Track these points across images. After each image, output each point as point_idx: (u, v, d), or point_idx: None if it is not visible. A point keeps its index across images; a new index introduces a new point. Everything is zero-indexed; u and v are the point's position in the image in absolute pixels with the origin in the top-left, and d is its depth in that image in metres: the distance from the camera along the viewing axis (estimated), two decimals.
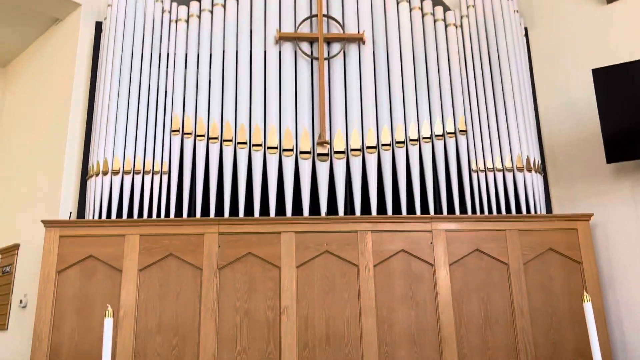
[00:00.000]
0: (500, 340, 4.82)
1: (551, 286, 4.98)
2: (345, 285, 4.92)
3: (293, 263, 4.92)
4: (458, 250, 5.03)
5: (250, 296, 4.84)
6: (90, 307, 4.69)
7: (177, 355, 4.64)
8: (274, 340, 4.74)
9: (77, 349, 4.58)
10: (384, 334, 4.80)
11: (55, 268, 4.73)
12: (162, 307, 4.75)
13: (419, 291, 4.93)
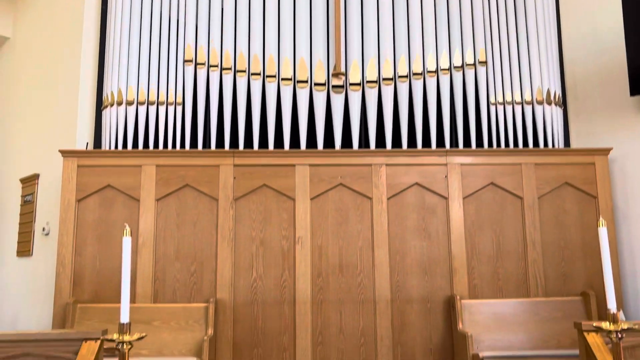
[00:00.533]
0: (510, 272, 4.90)
1: (564, 220, 4.99)
2: (359, 217, 4.98)
3: (307, 195, 4.97)
4: (473, 184, 5.02)
5: (266, 226, 4.93)
6: (110, 234, 4.83)
7: (195, 281, 4.80)
8: (288, 269, 4.87)
9: (99, 274, 4.77)
10: (395, 264, 4.90)
11: (75, 197, 4.84)
12: (180, 235, 4.87)
13: (431, 223, 4.98)
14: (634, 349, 3.19)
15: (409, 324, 4.80)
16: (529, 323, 4.64)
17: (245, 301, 4.79)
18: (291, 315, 4.78)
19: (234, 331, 4.72)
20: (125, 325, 1.48)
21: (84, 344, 3.06)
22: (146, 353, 4.41)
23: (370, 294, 4.84)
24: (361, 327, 4.78)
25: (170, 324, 4.58)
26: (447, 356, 4.73)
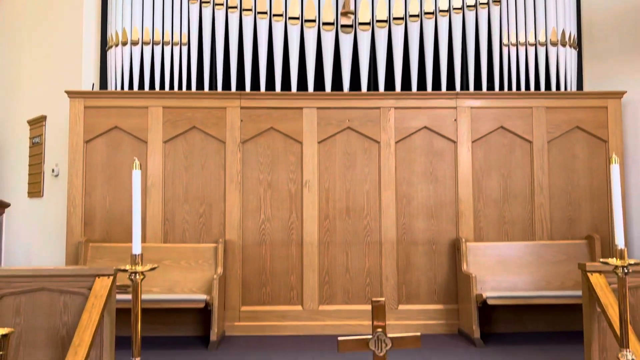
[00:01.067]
0: (517, 215, 4.92)
1: (573, 164, 4.97)
2: (366, 161, 4.97)
3: (315, 138, 4.95)
4: (482, 128, 4.97)
5: (273, 169, 4.94)
6: (118, 176, 4.86)
7: (204, 222, 4.87)
8: (296, 211, 4.91)
9: (109, 215, 4.83)
10: (402, 207, 4.93)
11: (83, 138, 4.84)
12: (188, 177, 4.90)
13: (439, 167, 4.97)
14: (636, 289, 3.24)
15: (414, 265, 4.88)
16: (532, 265, 4.70)
17: (254, 242, 4.86)
18: (299, 256, 4.87)
19: (243, 271, 4.83)
20: (137, 256, 1.50)
21: (97, 279, 3.14)
22: (157, 290, 4.53)
23: (377, 236, 4.90)
24: (367, 267, 4.87)
25: (180, 263, 4.68)
26: (450, 296, 4.83)
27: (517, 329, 4.73)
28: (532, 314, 4.70)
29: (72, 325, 3.09)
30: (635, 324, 3.19)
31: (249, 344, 4.38)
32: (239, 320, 4.76)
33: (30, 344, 3.10)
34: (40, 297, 3.15)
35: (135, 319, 1.49)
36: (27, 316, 3.12)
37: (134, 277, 1.50)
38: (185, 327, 4.68)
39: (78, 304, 3.14)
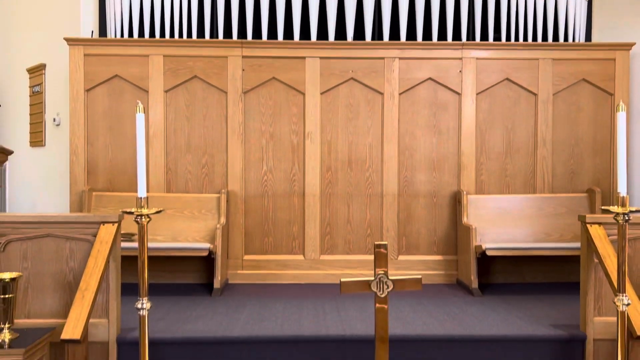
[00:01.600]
0: (519, 168, 4.93)
1: (578, 117, 4.93)
2: (369, 113, 4.93)
3: (317, 89, 4.90)
4: (487, 79, 4.90)
5: (275, 120, 4.91)
6: (120, 125, 4.84)
7: (206, 173, 4.88)
8: (298, 163, 4.92)
9: (112, 164, 4.85)
10: (404, 160, 4.93)
11: (83, 87, 4.79)
12: (190, 127, 4.88)
13: (442, 120, 4.93)
14: (635, 240, 3.28)
15: (415, 217, 4.92)
16: (533, 218, 4.75)
17: (256, 193, 4.89)
18: (300, 207, 4.91)
19: (246, 221, 4.88)
20: (142, 199, 1.51)
21: (102, 226, 3.18)
22: (161, 239, 4.60)
23: (378, 188, 4.92)
24: (368, 219, 4.92)
25: (183, 212, 4.73)
26: (450, 248, 4.90)
27: (515, 279, 4.82)
28: (531, 265, 4.78)
29: (78, 271, 3.16)
30: (632, 275, 3.25)
31: (251, 291, 4.48)
32: (242, 268, 4.85)
33: (38, 288, 3.18)
34: (46, 243, 3.21)
35: (142, 264, 1.51)
36: (34, 261, 3.18)
37: (139, 220, 1.51)
38: (189, 275, 4.78)
39: (84, 250, 3.20)
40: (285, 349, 3.27)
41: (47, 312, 3.16)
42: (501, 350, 3.27)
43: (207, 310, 3.85)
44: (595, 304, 3.28)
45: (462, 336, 3.29)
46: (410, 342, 3.26)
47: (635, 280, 3.24)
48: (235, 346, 3.27)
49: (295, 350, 3.27)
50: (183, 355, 3.24)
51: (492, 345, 3.28)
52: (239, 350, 3.27)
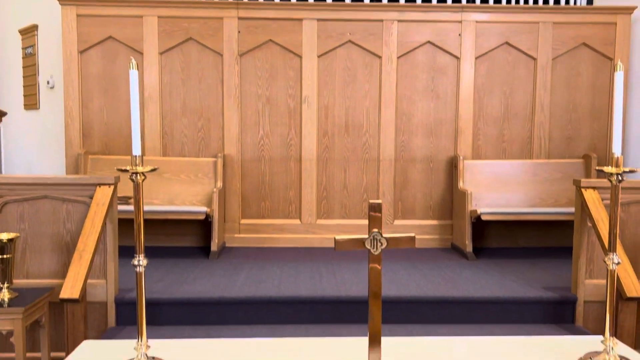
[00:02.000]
0: (516, 134, 4.92)
1: (577, 82, 4.90)
2: (367, 77, 4.89)
3: (314, 52, 4.83)
4: (486, 43, 4.84)
5: (272, 84, 4.86)
6: (115, 88, 4.79)
7: (202, 136, 4.86)
8: (295, 127, 4.90)
9: (107, 127, 4.82)
10: (402, 125, 4.91)
11: (77, 48, 4.72)
12: (186, 90, 4.83)
13: (441, 84, 4.89)
14: (628, 205, 3.31)
15: (411, 181, 4.94)
16: (528, 183, 4.76)
17: (253, 157, 4.89)
18: (297, 171, 4.91)
19: (242, 185, 4.89)
20: (137, 157, 1.51)
21: (99, 188, 3.19)
22: (158, 202, 4.61)
23: (375, 153, 4.92)
24: (364, 184, 4.93)
25: (180, 176, 4.73)
26: (445, 212, 4.94)
27: (509, 244, 4.87)
28: (525, 230, 4.82)
29: (75, 232, 3.18)
30: (624, 238, 3.29)
31: (248, 254, 4.52)
32: (238, 232, 4.88)
33: (36, 250, 3.20)
34: (43, 205, 3.21)
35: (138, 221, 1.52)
36: (31, 223, 3.20)
37: (135, 178, 1.51)
38: (186, 238, 4.81)
39: (80, 212, 3.21)
40: (282, 309, 3.33)
41: (45, 272, 3.19)
42: (494, 311, 3.33)
43: (204, 272, 3.90)
44: (587, 267, 3.32)
45: (455, 298, 3.35)
46: (404, 303, 3.32)
47: (628, 244, 3.28)
48: (233, 306, 3.33)
49: (292, 310, 3.33)
50: (181, 316, 3.29)
51: (485, 306, 3.34)
52: (237, 310, 3.32)
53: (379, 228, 1.43)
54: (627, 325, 2.90)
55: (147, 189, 4.64)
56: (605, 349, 1.62)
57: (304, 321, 3.31)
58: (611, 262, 1.62)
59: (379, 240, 1.43)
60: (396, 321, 3.24)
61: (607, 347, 1.62)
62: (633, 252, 3.28)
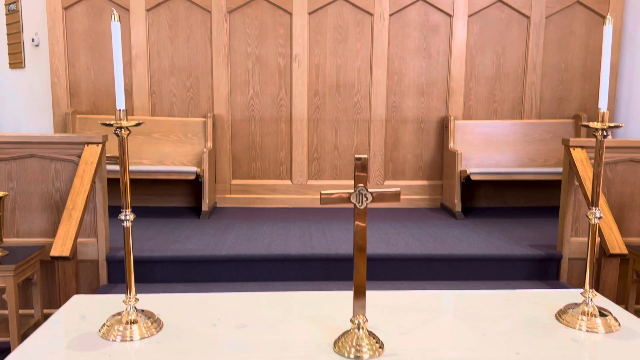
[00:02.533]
0: (507, 94, 4.90)
1: (569, 42, 4.85)
2: (359, 35, 4.81)
3: (305, 9, 4.74)
4: (480, 1, 4.77)
5: (261, 42, 4.78)
6: (102, 46, 4.69)
7: (192, 96, 4.81)
8: (285, 87, 4.85)
9: (94, 86, 4.74)
10: (393, 85, 4.88)
11: (61, 4, 4.60)
12: (174, 49, 4.74)
13: (433, 43, 4.83)
14: (615, 164, 3.33)
15: (402, 142, 4.94)
16: (518, 143, 4.78)
17: (243, 117, 4.85)
18: (288, 132, 4.89)
19: (233, 145, 4.87)
20: (121, 112, 1.50)
21: (87, 147, 3.16)
22: (148, 162, 4.59)
23: (366, 113, 4.89)
24: (355, 144, 4.93)
25: (169, 136, 4.70)
26: (435, 173, 4.96)
27: (498, 204, 4.93)
28: (513, 190, 4.87)
29: (64, 191, 3.17)
30: (610, 197, 3.33)
31: (239, 215, 4.55)
32: (229, 193, 4.90)
33: (25, 208, 3.20)
34: (31, 164, 3.19)
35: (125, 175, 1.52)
36: (19, 182, 3.18)
37: (119, 132, 1.50)
38: (177, 199, 4.82)
39: (69, 171, 3.20)
40: (272, 267, 3.37)
41: (36, 231, 3.20)
42: (480, 268, 3.40)
43: (195, 231, 3.93)
44: (572, 225, 3.38)
45: (442, 255, 3.40)
46: (392, 261, 3.37)
47: (614, 202, 3.33)
48: (224, 264, 3.37)
49: (282, 268, 3.37)
50: (173, 273, 3.33)
51: (472, 263, 3.40)
52: (228, 268, 3.37)
53: (364, 183, 1.44)
54: (609, 281, 2.97)
55: (137, 149, 4.62)
56: (584, 301, 1.67)
57: (294, 278, 3.36)
58: (593, 217, 1.64)
59: (364, 195, 1.44)
60: (384, 278, 3.31)
61: (586, 299, 1.66)
62: (618, 210, 3.33)
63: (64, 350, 1.44)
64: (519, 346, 1.49)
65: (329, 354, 1.45)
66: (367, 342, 1.46)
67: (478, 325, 1.63)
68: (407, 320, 1.67)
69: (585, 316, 1.63)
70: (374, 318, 1.65)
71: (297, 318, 1.68)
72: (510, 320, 1.68)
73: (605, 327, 1.61)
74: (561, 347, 1.50)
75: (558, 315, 1.69)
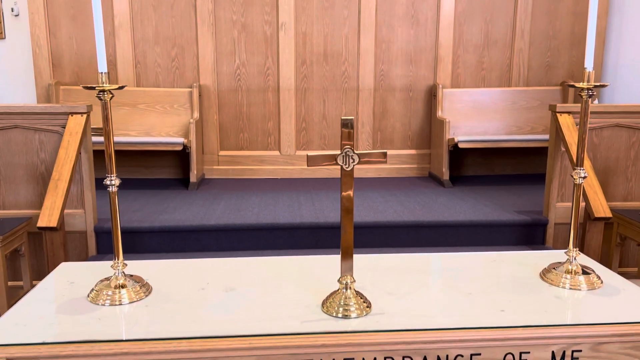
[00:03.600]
0: (495, 61, 4.88)
1: (557, 8, 4.82)
2: (346, 2, 4.74)
3: None
4: None
5: (247, 10, 4.70)
6: (84, 15, 4.58)
7: (177, 66, 4.73)
8: (272, 56, 4.79)
9: (77, 57, 4.65)
10: (381, 53, 4.83)
11: None
12: (157, 17, 4.65)
13: (421, 10, 4.78)
14: (601, 129, 3.36)
15: (390, 111, 4.92)
16: (506, 111, 4.79)
17: (229, 87, 4.79)
18: (275, 102, 4.85)
19: (220, 116, 4.82)
20: (103, 74, 1.47)
21: (71, 117, 3.12)
22: (135, 134, 4.55)
23: (354, 83, 4.86)
24: (344, 114, 4.90)
25: (155, 107, 4.64)
26: (423, 142, 4.96)
27: (485, 172, 4.96)
28: (501, 158, 4.89)
29: (50, 162, 3.14)
30: (595, 162, 3.36)
31: (228, 186, 4.54)
32: (217, 164, 4.87)
33: (10, 180, 3.16)
34: (14, 135, 3.15)
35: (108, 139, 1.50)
36: (3, 153, 3.14)
37: (102, 96, 1.48)
38: (165, 170, 4.79)
39: (54, 142, 3.16)
40: (261, 236, 3.38)
41: (22, 203, 3.17)
42: (467, 234, 3.44)
43: (184, 202, 3.91)
44: (558, 191, 3.41)
45: (430, 222, 3.43)
46: (380, 228, 3.39)
47: (599, 167, 3.36)
48: (212, 234, 3.37)
49: (271, 237, 3.39)
50: (161, 243, 3.33)
51: (459, 230, 3.44)
52: (217, 237, 3.37)
53: (350, 144, 1.43)
54: (593, 244, 3.02)
55: (123, 120, 4.56)
56: (568, 259, 1.69)
57: (283, 247, 3.38)
58: (578, 177, 1.66)
59: (351, 156, 1.44)
60: (372, 245, 3.34)
61: (570, 258, 1.69)
62: (604, 175, 3.37)
63: (53, 314, 1.45)
64: (503, 303, 1.52)
65: (318, 314, 1.47)
66: (355, 302, 1.48)
67: (464, 285, 1.65)
68: (394, 281, 1.69)
69: (569, 274, 1.66)
70: (362, 279, 1.67)
71: (286, 280, 1.69)
72: (495, 279, 1.70)
73: (588, 285, 1.64)
74: (545, 303, 1.53)
75: (542, 274, 1.72)
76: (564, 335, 1.39)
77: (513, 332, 1.39)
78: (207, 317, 1.44)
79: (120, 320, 1.43)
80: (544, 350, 1.40)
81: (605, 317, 1.45)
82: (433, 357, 1.39)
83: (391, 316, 1.45)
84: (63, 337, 1.32)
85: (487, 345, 1.39)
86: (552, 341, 1.39)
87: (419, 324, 1.41)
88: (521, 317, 1.44)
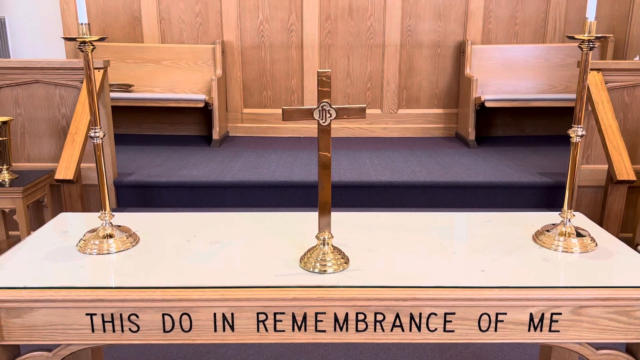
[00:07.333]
0: (529, 15, 4.63)
1: None
2: None
3: None
4: None
5: None
6: None
7: (200, 22, 4.72)
8: (295, 11, 4.69)
9: (104, 13, 4.68)
10: (408, 7, 4.66)
11: None
12: None
13: None
14: (634, 88, 3.16)
15: (417, 69, 4.78)
16: (538, 69, 4.57)
17: (253, 44, 4.75)
18: (299, 59, 4.78)
19: (243, 73, 4.81)
20: (84, 25, 1.47)
21: None
22: (159, 90, 4.60)
23: (380, 38, 4.72)
24: (368, 71, 4.80)
25: (179, 64, 4.66)
26: (451, 101, 4.82)
27: (514, 132, 4.79)
28: (532, 118, 4.71)
29: (70, 117, 3.22)
30: (626, 122, 3.19)
31: (249, 143, 4.56)
32: (241, 122, 4.89)
33: (34, 134, 3.28)
34: (36, 89, 3.24)
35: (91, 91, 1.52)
36: (26, 107, 3.24)
37: (83, 48, 1.48)
38: (190, 127, 4.85)
39: (74, 96, 3.23)
40: (276, 193, 3.41)
41: (45, 156, 3.29)
42: (484, 196, 3.35)
43: (204, 159, 3.97)
44: (584, 152, 3.26)
45: (446, 182, 3.36)
46: (395, 187, 3.35)
47: (629, 128, 3.18)
48: (228, 190, 3.42)
49: (285, 194, 3.41)
50: (178, 199, 3.41)
51: (476, 191, 3.36)
52: (232, 194, 3.42)
53: (328, 98, 1.39)
54: (615, 208, 2.89)
55: (148, 76, 4.62)
56: (562, 221, 1.63)
57: (297, 204, 3.40)
58: (575, 135, 1.57)
59: (327, 111, 1.40)
60: (385, 205, 3.31)
61: (564, 220, 1.62)
62: (634, 136, 3.19)
63: (40, 261, 1.50)
64: (486, 263, 1.48)
65: (295, 269, 1.47)
66: (332, 257, 1.47)
67: (450, 244, 1.62)
68: (379, 238, 1.67)
69: (563, 237, 1.60)
70: (345, 236, 1.65)
71: (272, 236, 1.70)
72: (484, 240, 1.66)
73: (581, 247, 1.57)
74: (529, 265, 1.48)
75: (535, 236, 1.66)
76: (543, 298, 1.35)
77: (489, 292, 1.35)
78: (187, 268, 1.47)
79: (102, 269, 1.48)
80: (521, 312, 1.36)
81: (589, 281, 1.39)
82: (406, 314, 1.37)
83: (367, 272, 1.44)
84: (43, 283, 1.37)
85: (462, 304, 1.36)
86: (530, 303, 1.35)
87: (394, 281, 1.39)
88: (500, 277, 1.40)
